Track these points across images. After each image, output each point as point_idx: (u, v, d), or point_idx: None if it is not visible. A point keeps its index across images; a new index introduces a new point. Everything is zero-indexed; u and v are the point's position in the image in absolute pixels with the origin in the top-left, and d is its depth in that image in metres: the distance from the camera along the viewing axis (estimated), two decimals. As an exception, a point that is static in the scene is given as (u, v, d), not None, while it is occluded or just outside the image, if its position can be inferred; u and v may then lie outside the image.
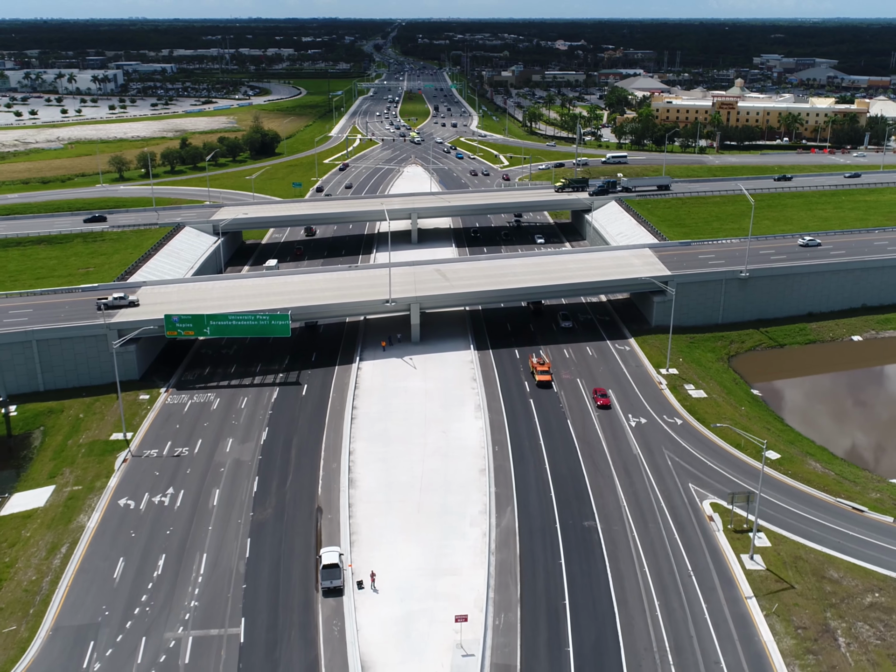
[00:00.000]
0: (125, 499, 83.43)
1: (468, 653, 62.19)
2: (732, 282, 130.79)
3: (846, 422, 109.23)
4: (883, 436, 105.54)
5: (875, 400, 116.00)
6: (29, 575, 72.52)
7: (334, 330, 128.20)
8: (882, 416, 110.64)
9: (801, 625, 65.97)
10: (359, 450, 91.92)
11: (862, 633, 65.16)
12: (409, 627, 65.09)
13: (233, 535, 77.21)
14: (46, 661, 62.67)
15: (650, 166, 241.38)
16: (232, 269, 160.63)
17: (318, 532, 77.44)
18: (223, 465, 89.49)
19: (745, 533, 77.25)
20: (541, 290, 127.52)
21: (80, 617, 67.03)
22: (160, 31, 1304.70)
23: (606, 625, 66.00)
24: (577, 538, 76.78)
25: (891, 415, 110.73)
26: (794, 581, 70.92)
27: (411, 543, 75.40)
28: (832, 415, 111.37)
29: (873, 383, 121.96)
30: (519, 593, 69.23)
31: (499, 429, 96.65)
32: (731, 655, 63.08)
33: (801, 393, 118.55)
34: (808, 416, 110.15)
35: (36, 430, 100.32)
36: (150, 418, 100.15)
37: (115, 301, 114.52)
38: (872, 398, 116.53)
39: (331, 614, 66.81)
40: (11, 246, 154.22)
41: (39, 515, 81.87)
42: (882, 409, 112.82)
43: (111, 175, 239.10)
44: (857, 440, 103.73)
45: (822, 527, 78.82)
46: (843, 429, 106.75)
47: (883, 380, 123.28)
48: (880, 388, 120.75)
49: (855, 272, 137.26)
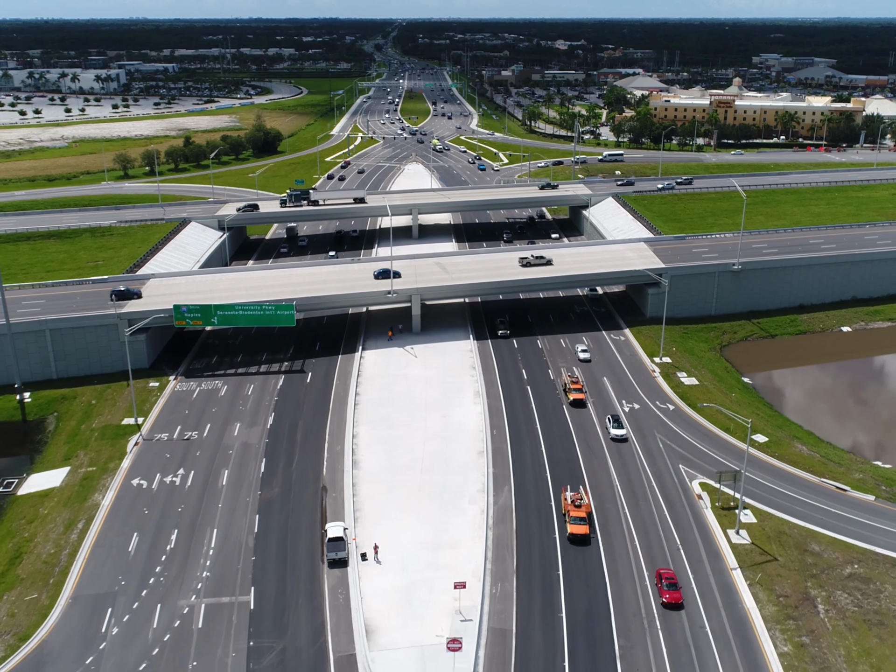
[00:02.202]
0: (138, 479, 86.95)
1: (466, 618, 65.66)
2: (725, 274, 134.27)
3: (833, 409, 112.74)
4: (868, 421, 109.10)
5: (862, 388, 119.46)
6: (48, 548, 76.05)
7: (337, 321, 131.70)
8: (868, 403, 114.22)
9: (782, 593, 69.45)
10: (362, 433, 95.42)
11: (840, 601, 68.64)
12: (410, 595, 68.59)
13: (241, 512, 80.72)
14: (67, 625, 66.19)
15: (647, 164, 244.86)
16: (236, 263, 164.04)
17: (323, 509, 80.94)
18: (231, 447, 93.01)
19: (732, 510, 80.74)
20: (538, 282, 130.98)
21: (98, 586, 70.53)
22: (161, 31, 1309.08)
23: (598, 593, 69.49)
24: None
25: (877, 402, 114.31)
26: (778, 554, 74.40)
27: (412, 519, 78.91)
28: (820, 402, 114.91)
29: (861, 372, 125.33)
30: (515, 565, 72.71)
31: (497, 414, 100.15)
32: (716, 621, 66.58)
33: (791, 381, 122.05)
34: (796, 402, 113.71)
35: (50, 415, 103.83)
36: (159, 404, 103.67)
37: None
38: (860, 386, 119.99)
39: (336, 584, 70.33)
40: (21, 240, 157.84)
41: (56, 494, 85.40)
42: (868, 397, 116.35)
43: (116, 173, 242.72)
44: (843, 425, 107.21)
45: (806, 504, 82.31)
46: (830, 415, 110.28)
47: (870, 369, 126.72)
48: (868, 376, 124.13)
49: (845, 265, 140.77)
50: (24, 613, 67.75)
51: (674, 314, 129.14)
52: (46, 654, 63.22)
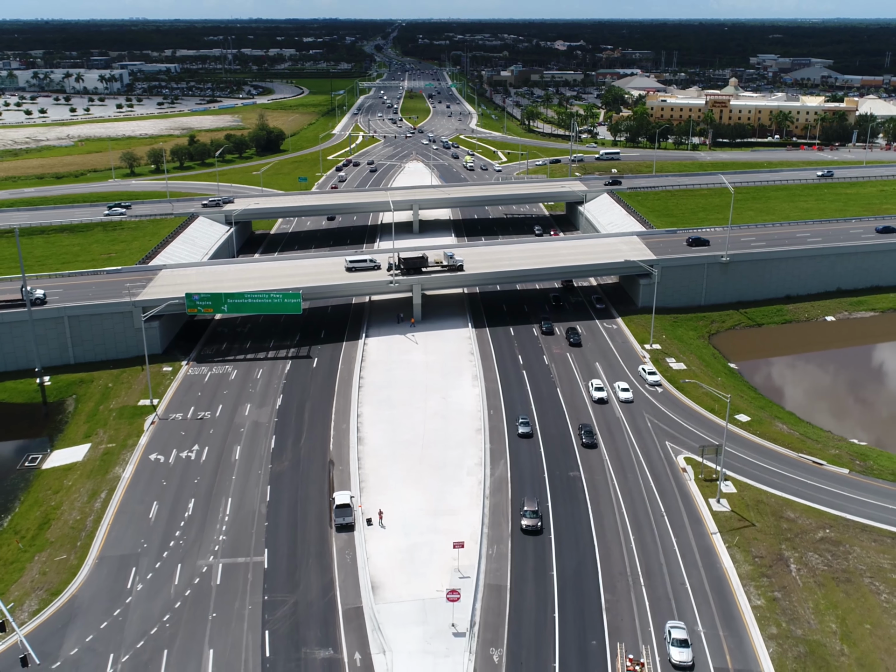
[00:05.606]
0: (155, 454, 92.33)
1: (464, 575, 71.02)
2: (714, 266, 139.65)
3: (815, 392, 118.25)
4: (848, 404, 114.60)
5: (844, 374, 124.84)
6: (74, 515, 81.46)
7: (341, 310, 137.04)
8: (849, 388, 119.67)
9: (758, 554, 74.84)
10: (366, 413, 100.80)
11: (811, 561, 74.04)
12: (412, 555, 73.99)
13: (254, 483, 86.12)
14: (95, 583, 71.58)
15: (643, 163, 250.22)
16: (243, 256, 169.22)
17: (331, 480, 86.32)
18: (243, 426, 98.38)
19: (714, 481, 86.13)
20: (535, 273, 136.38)
21: (122, 548, 75.94)
22: (162, 31, 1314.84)
23: (586, 554, 74.86)
24: (562, 486, 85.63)
25: (857, 386, 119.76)
26: (755, 520, 79.81)
27: (414, 489, 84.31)
28: (803, 386, 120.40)
29: (843, 359, 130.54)
30: (510, 529, 78.09)
31: (494, 395, 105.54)
32: (696, 578, 71.96)
33: (776, 367, 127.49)
34: (780, 387, 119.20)
35: (69, 398, 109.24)
36: (173, 387, 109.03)
37: None
38: (842, 372, 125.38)
39: (343, 546, 75.72)
40: (35, 234, 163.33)
41: (78, 468, 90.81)
42: (849, 382, 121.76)
43: (122, 171, 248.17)
44: (823, 407, 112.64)
45: (783, 477, 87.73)
46: (811, 398, 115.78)
47: (852, 356, 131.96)
48: (849, 363, 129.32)
49: (830, 257, 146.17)
50: (54, 572, 73.14)
51: (664, 304, 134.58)
52: (77, 608, 68.59)
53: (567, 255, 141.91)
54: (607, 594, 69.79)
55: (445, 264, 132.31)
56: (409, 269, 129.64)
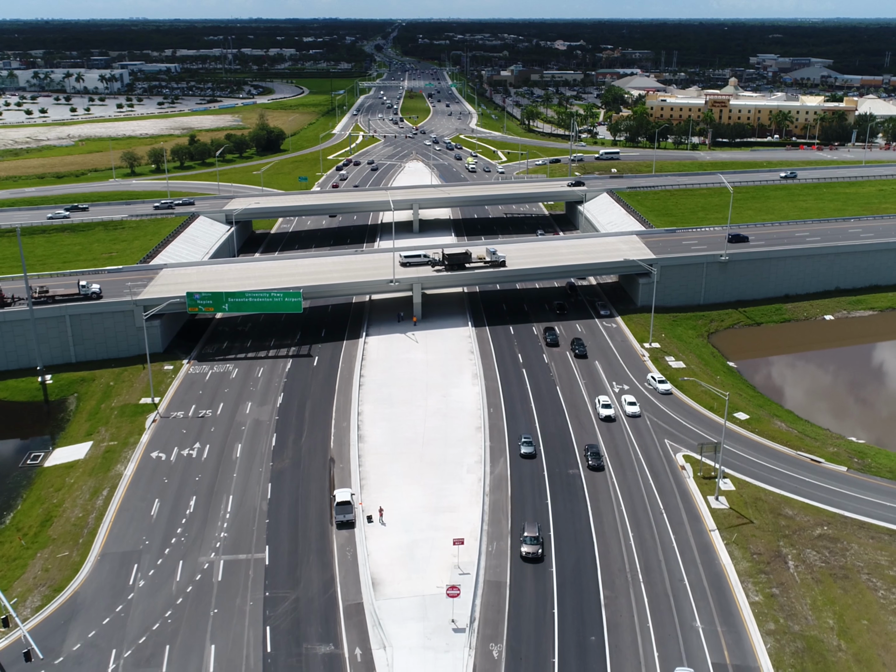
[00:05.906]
0: (157, 452, 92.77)
1: (464, 571, 71.47)
2: (713, 265, 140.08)
3: (814, 390, 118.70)
4: (847, 402, 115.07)
5: (842, 372, 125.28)
6: (76, 513, 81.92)
7: (342, 309, 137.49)
8: (848, 386, 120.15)
9: (756, 551, 75.30)
10: (366, 411, 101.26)
11: (809, 558, 74.49)
12: (412, 552, 74.43)
13: (255, 481, 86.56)
14: (97, 579, 72.03)
15: (643, 162, 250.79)
16: (243, 256, 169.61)
17: (332, 478, 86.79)
18: (244, 424, 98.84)
19: (713, 479, 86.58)
20: (535, 272, 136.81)
21: (124, 545, 76.38)
22: (162, 31, 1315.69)
23: (585, 551, 75.31)
24: (562, 483, 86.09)
25: (856, 384, 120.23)
26: (753, 517, 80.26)
27: (414, 486, 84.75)
28: (801, 385, 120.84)
29: (842, 358, 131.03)
30: (510, 526, 78.53)
31: (493, 393, 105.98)
32: (694, 575, 72.40)
33: (775, 366, 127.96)
34: (778, 385, 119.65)
35: (70, 396, 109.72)
36: (174, 385, 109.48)
37: None
38: (840, 371, 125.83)
39: (344, 542, 76.18)
40: (37, 233, 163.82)
41: (80, 466, 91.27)
42: (848, 380, 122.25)
43: (123, 170, 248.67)
44: (822, 406, 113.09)
45: (781, 474, 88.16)
46: (810, 396, 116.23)
47: (851, 355, 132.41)
48: (848, 362, 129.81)
49: (829, 256, 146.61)
50: (56, 569, 73.59)
51: (663, 303, 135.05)
52: (79, 604, 69.04)
53: (567, 254, 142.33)
54: (606, 590, 70.22)
55: (488, 260, 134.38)
56: (453, 265, 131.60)
